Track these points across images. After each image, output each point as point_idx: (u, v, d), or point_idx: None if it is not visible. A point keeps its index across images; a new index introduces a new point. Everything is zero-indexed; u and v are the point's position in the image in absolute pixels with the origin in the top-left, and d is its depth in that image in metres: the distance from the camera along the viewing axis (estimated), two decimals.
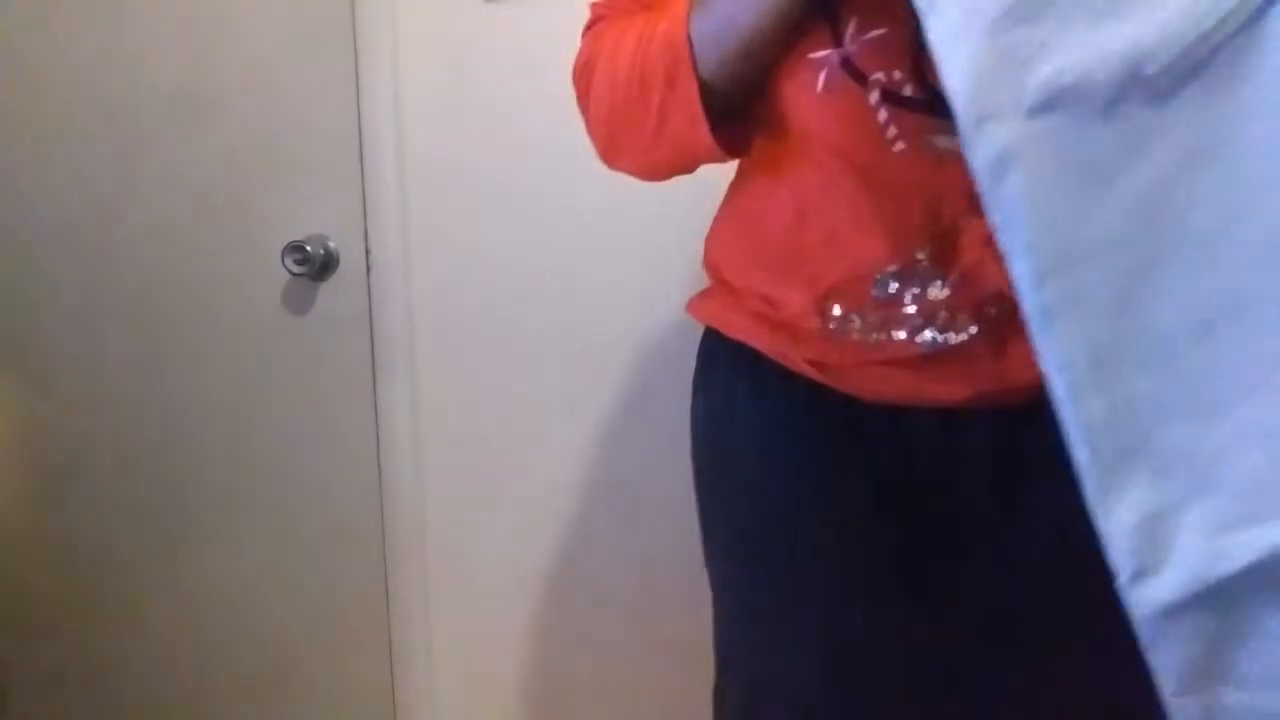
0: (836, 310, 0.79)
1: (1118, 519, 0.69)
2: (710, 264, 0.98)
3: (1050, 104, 0.65)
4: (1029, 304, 0.68)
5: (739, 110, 0.85)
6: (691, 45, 0.80)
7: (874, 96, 0.78)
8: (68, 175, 1.69)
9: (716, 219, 0.99)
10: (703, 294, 0.99)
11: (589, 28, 0.94)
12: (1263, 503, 0.68)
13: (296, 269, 1.59)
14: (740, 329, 0.92)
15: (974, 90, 0.66)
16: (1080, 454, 0.69)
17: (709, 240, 0.98)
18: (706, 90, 0.81)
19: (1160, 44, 0.64)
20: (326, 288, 1.65)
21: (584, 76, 0.92)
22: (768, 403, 0.91)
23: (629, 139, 0.88)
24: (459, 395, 1.63)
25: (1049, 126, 0.65)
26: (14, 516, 1.78)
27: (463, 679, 1.70)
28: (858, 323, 0.82)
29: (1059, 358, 0.68)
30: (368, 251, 1.63)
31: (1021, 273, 0.67)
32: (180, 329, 1.68)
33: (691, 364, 1.02)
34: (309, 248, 1.59)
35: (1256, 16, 0.64)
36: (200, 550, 1.73)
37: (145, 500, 1.73)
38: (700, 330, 1.00)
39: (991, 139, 0.66)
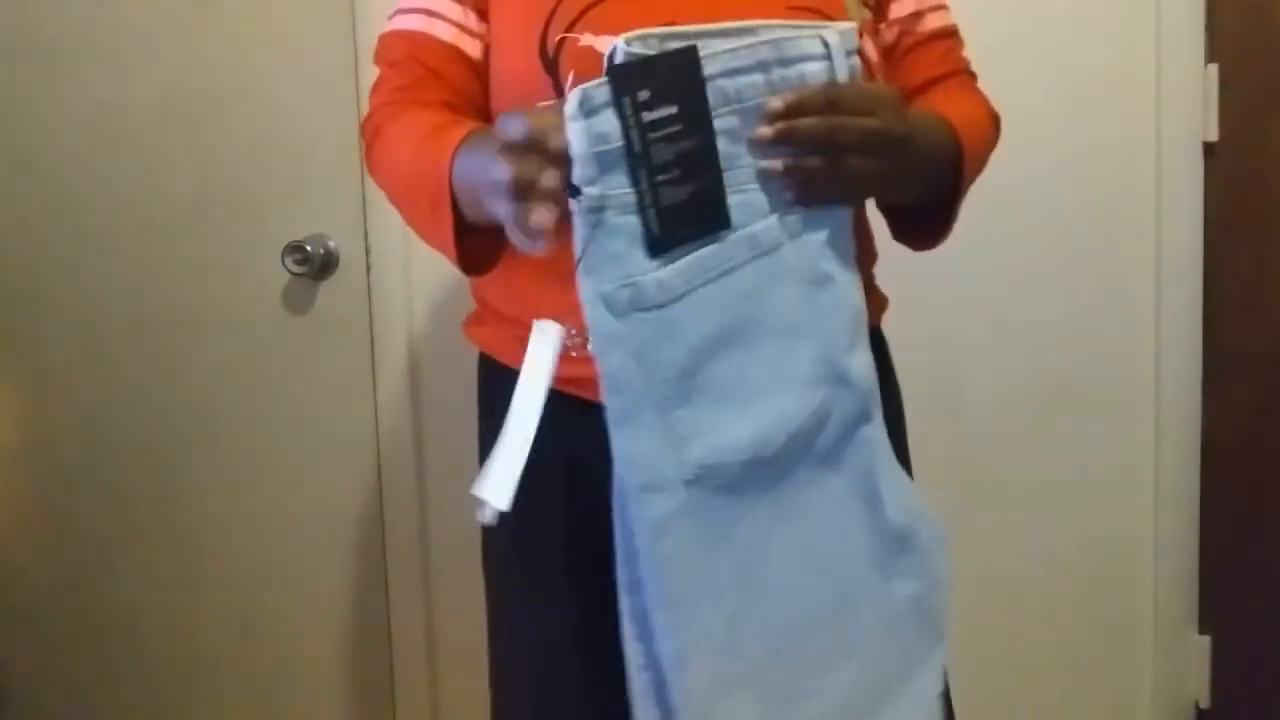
0: (574, 331, 0.84)
1: None
2: (476, 291, 1.06)
3: (700, 478, 0.77)
4: (664, 648, 0.77)
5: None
6: (453, 188, 0.85)
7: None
8: (68, 176, 1.69)
9: None
10: (476, 319, 1.07)
11: (376, 87, 1.01)
12: None
13: (296, 269, 1.59)
14: (508, 356, 0.98)
15: (640, 461, 0.76)
16: None
17: None
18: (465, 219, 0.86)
19: (775, 433, 0.79)
20: (326, 287, 1.65)
21: (372, 144, 0.99)
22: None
23: (409, 221, 0.95)
24: (458, 395, 1.63)
25: (697, 498, 0.77)
26: (14, 516, 1.78)
27: (463, 678, 1.70)
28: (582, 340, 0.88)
29: (687, 688, 0.78)
30: (368, 251, 1.63)
31: (662, 622, 0.77)
32: (180, 329, 1.68)
33: None
34: (309, 248, 1.59)
35: (822, 418, 0.81)
36: (200, 550, 1.73)
37: (145, 500, 1.73)
38: None
39: (653, 505, 0.76)
